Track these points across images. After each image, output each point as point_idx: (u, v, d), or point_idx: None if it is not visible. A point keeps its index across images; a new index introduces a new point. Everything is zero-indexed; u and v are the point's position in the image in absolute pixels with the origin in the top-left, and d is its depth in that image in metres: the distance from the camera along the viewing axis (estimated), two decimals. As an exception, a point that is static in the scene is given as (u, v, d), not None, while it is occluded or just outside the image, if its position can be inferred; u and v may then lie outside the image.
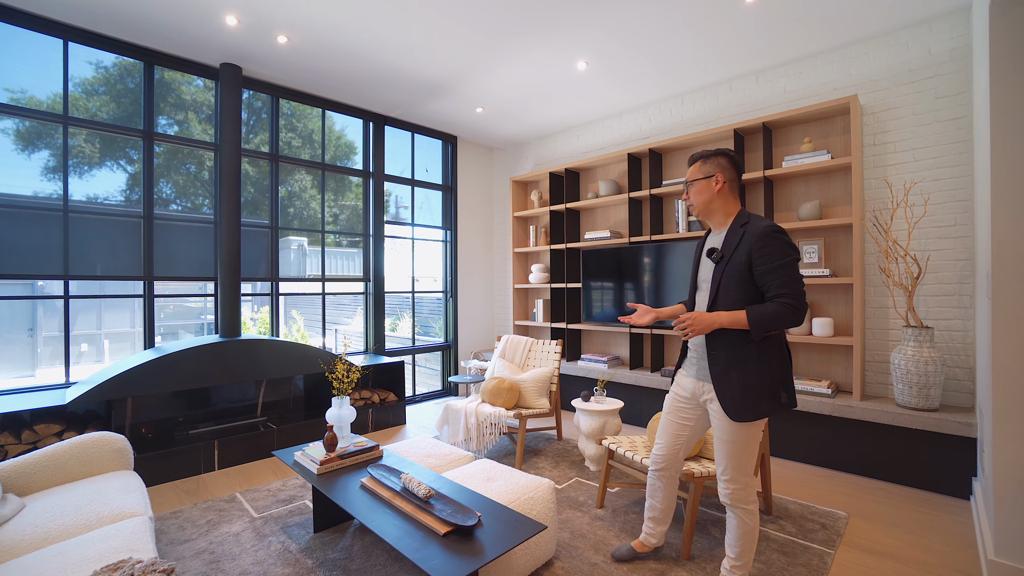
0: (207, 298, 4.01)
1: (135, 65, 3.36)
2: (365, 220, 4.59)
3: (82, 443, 2.08)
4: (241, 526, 2.44)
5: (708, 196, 1.77)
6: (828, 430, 3.08)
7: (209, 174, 3.69)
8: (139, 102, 3.38)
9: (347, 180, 4.46)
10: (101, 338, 8.40)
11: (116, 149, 3.33)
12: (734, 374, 1.67)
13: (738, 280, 1.66)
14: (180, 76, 3.54)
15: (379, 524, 1.72)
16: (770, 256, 1.60)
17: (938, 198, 2.92)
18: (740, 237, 1.68)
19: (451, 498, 1.84)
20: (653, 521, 2.10)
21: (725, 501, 1.78)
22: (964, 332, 2.84)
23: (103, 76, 3.27)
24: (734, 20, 2.93)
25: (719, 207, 1.78)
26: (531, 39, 3.15)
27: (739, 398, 1.66)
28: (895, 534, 2.34)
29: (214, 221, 3.70)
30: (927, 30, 2.97)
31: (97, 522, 1.65)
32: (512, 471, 2.24)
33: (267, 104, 3.96)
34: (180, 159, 3.56)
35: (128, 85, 3.35)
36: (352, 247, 4.57)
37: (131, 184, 3.37)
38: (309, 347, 3.61)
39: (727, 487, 1.76)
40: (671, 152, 4.11)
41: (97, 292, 3.45)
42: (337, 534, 2.36)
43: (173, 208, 3.54)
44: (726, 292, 1.68)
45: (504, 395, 3.36)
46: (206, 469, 3.15)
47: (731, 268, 1.67)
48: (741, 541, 1.78)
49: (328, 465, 2.21)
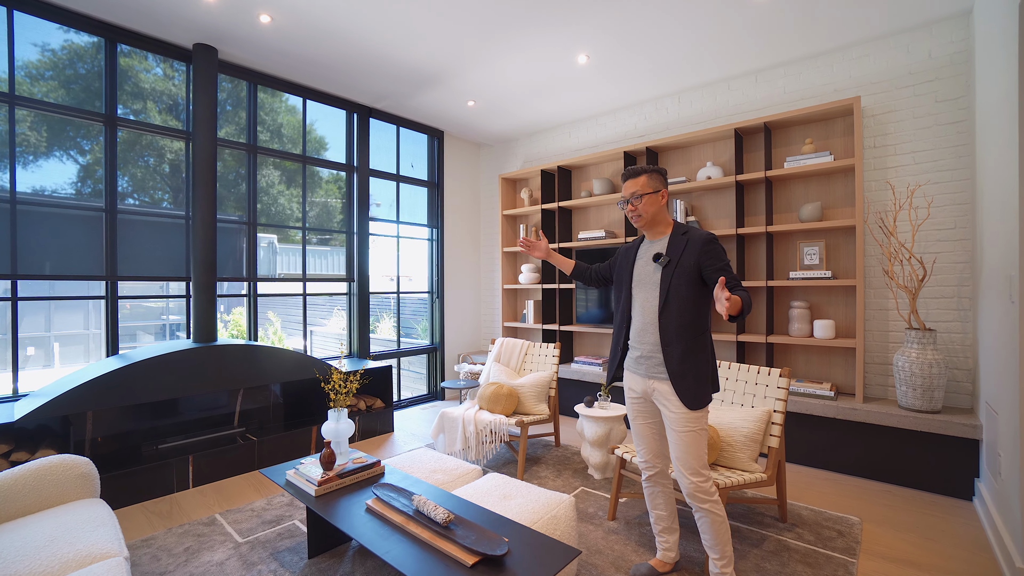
0: (170, 299, 3.70)
1: (86, 48, 2.99)
2: (348, 217, 4.34)
3: (38, 469, 1.80)
4: (225, 553, 2.20)
5: (656, 208, 1.95)
6: (831, 433, 3.06)
7: (169, 167, 3.34)
8: (91, 89, 3.01)
9: (318, 176, 4.16)
10: (50, 341, 7.75)
11: (66, 139, 2.96)
12: (688, 366, 1.81)
13: (687, 281, 1.84)
14: (138, 63, 3.18)
15: (395, 555, 1.54)
16: (717, 257, 1.82)
17: (938, 201, 2.94)
18: (685, 244, 1.88)
19: (472, 522, 1.67)
20: (664, 532, 2.06)
21: (691, 498, 1.83)
22: (963, 334, 2.87)
23: (50, 60, 2.90)
24: (742, 17, 2.86)
25: (661, 218, 1.98)
26: (533, 29, 3.00)
27: (694, 388, 1.80)
28: (910, 539, 2.32)
29: (186, 217, 3.39)
30: (927, 34, 2.99)
31: (60, 568, 1.40)
32: (528, 487, 2.09)
33: (235, 91, 3.66)
34: (138, 151, 3.20)
35: (79, 70, 2.98)
36: (323, 244, 4.27)
37: (83, 176, 3.00)
38: (293, 352, 3.35)
39: (691, 481, 1.81)
40: (668, 151, 4.05)
41: (48, 293, 3.10)
42: (335, 559, 2.15)
43: (130, 202, 3.19)
44: (676, 291, 1.85)
45: (503, 401, 3.21)
46: (180, 488, 2.87)
47: (680, 271, 1.85)
48: (717, 536, 1.82)
49: (327, 486, 2.00)
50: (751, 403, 2.53)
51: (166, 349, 2.91)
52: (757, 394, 2.53)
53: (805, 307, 3.29)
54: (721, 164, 3.75)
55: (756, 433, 2.36)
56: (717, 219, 3.78)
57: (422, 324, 5.30)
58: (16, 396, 2.81)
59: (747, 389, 2.57)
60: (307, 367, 3.41)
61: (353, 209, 4.33)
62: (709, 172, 3.66)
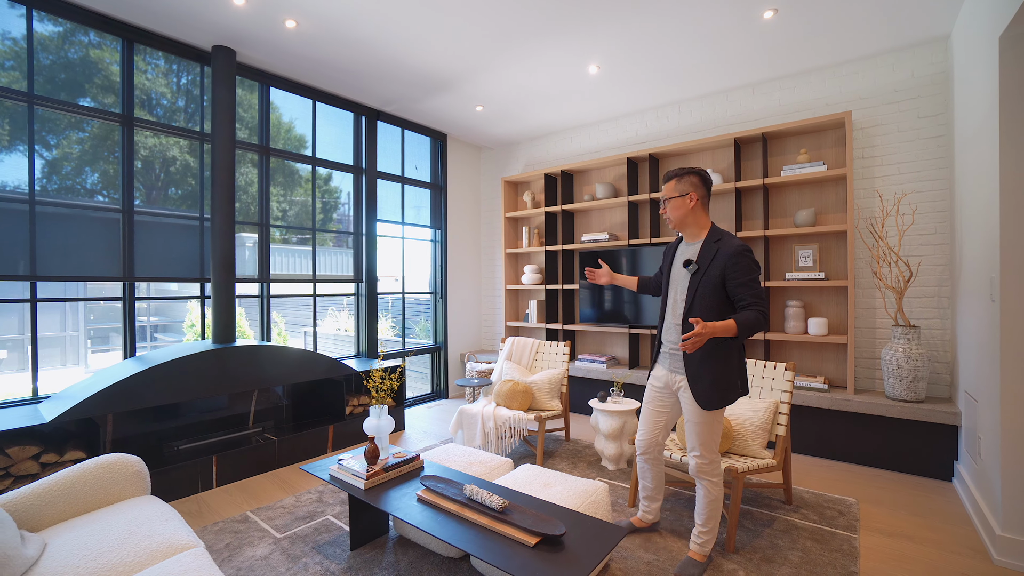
0: (155, 301, 3.66)
1: (50, 39, 2.79)
2: (356, 218, 4.39)
3: (96, 468, 1.84)
4: (266, 548, 2.26)
5: (683, 212, 2.01)
6: (825, 422, 3.31)
7: (142, 163, 3.14)
8: (56, 81, 2.80)
9: (297, 175, 4.03)
10: (24, 343, 7.48)
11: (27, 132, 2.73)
12: (705, 370, 1.94)
13: (712, 290, 1.92)
14: (109, 56, 3.01)
15: (459, 538, 1.65)
16: (742, 272, 1.87)
17: (920, 208, 3.21)
18: (715, 253, 1.93)
19: (524, 507, 1.80)
20: (647, 499, 2.34)
21: (693, 473, 2.05)
22: (943, 330, 3.15)
23: (11, 49, 2.67)
24: (749, 34, 3.06)
25: (692, 221, 2.03)
26: (548, 40, 3.14)
27: (709, 391, 1.94)
28: (902, 517, 2.55)
29: (200, 218, 3.40)
30: (910, 55, 3.25)
31: (148, 558, 1.47)
32: (564, 476, 2.23)
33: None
34: (109, 147, 3.02)
35: (42, 61, 2.75)
36: (302, 244, 4.14)
37: (48, 172, 2.79)
38: (310, 353, 3.40)
39: (695, 461, 2.03)
40: (669, 158, 4.25)
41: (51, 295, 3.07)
42: (376, 550, 2.25)
43: (99, 199, 2.99)
44: (702, 299, 1.94)
45: (519, 398, 3.34)
46: (204, 487, 2.90)
47: (707, 280, 1.93)
48: (707, 509, 2.04)
49: (375, 479, 2.09)
50: (758, 395, 2.73)
51: (187, 351, 2.93)
52: (764, 387, 2.73)
53: (800, 306, 3.53)
54: (720, 171, 3.97)
55: (765, 423, 2.56)
56: (717, 222, 3.98)
57: (420, 324, 5.37)
58: (37, 398, 2.79)
59: (754, 382, 2.77)
60: (322, 367, 3.46)
61: (362, 210, 4.38)
62: (709, 178, 3.86)
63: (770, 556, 2.18)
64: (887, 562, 2.16)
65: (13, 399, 2.76)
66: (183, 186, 3.35)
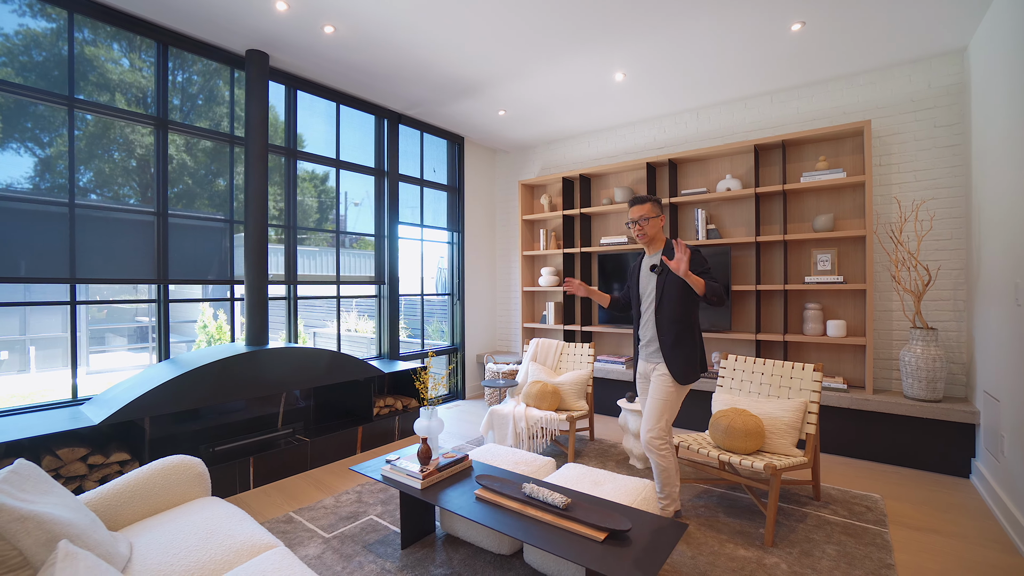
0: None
1: (44, 35, 2.67)
2: (379, 220, 4.42)
3: (163, 469, 1.87)
4: (317, 548, 2.30)
5: (657, 229, 2.50)
6: (845, 421, 3.41)
7: (137, 162, 3.02)
8: (50, 77, 2.68)
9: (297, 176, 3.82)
10: (26, 344, 7.37)
11: (23, 130, 2.65)
12: (678, 351, 2.38)
13: (675, 284, 2.38)
14: (103, 52, 2.91)
15: (529, 534, 1.71)
16: (697, 264, 2.34)
17: (937, 215, 3.33)
18: (672, 256, 2.37)
19: (585, 504, 1.86)
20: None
21: (645, 446, 2.41)
22: (959, 333, 3.27)
23: (2, 45, 2.56)
24: (774, 45, 3.16)
25: (659, 236, 2.52)
26: (579, 47, 3.20)
27: (683, 367, 2.37)
28: (926, 511, 2.66)
29: (228, 219, 3.41)
30: (926, 67, 3.37)
31: (234, 556, 1.51)
32: (612, 475, 2.30)
33: (205, 85, 3.69)
34: (104, 144, 2.90)
35: (34, 57, 2.63)
36: (301, 244, 4.01)
37: (40, 170, 2.67)
38: (342, 355, 3.44)
39: (647, 435, 2.40)
40: (688, 163, 4.34)
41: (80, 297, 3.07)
42: (426, 548, 2.29)
43: (92, 198, 2.88)
44: (668, 292, 2.39)
45: (548, 399, 3.40)
46: (241, 488, 2.92)
47: (670, 277, 2.39)
48: (661, 478, 2.41)
49: (430, 479, 2.14)
50: (787, 395, 2.82)
51: (224, 353, 2.95)
52: (792, 387, 2.82)
53: (818, 308, 3.64)
54: (739, 176, 4.06)
55: (795, 421, 2.65)
56: (734, 227, 4.10)
57: (433, 325, 5.41)
58: (76, 400, 2.79)
59: (782, 383, 2.87)
60: (352, 368, 3.50)
61: (384, 213, 4.42)
62: (728, 184, 3.96)
63: (808, 550, 2.27)
64: (917, 554, 2.25)
65: (54, 401, 2.76)
66: (208, 189, 3.35)
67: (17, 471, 1.44)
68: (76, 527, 1.34)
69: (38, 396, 5.72)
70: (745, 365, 3.02)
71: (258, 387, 2.99)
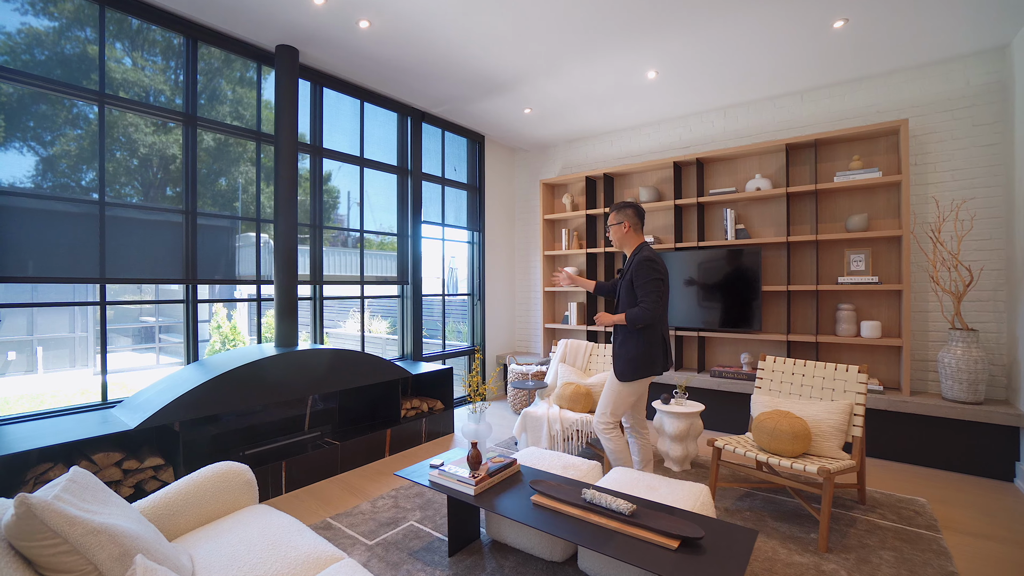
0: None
1: (47, 33, 2.56)
2: (401, 220, 4.36)
3: (214, 476, 1.80)
4: (361, 555, 2.24)
5: (620, 235, 2.64)
6: (883, 423, 3.37)
7: (139, 161, 2.90)
8: (51, 76, 2.58)
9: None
10: (34, 344, 7.24)
11: (25, 129, 2.54)
12: (622, 351, 2.57)
13: (627, 289, 2.57)
14: (128, 46, 2.79)
15: (598, 543, 1.65)
16: (640, 276, 2.48)
17: (977, 215, 3.28)
18: (632, 263, 2.54)
19: (651, 511, 1.81)
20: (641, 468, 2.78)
21: (595, 429, 2.67)
22: (999, 334, 3.23)
23: (5, 43, 2.46)
24: (815, 41, 3.11)
25: (627, 243, 2.65)
26: (615, 44, 3.15)
27: (622, 365, 2.55)
28: (975, 516, 2.61)
29: (257, 218, 3.34)
30: (963, 64, 3.33)
31: (302, 569, 1.44)
32: (666, 479, 2.24)
33: (208, 84, 3.62)
34: (107, 143, 2.75)
35: (36, 56, 2.52)
36: (301, 244, 3.74)
37: (42, 169, 2.57)
38: (371, 356, 3.37)
39: (595, 420, 2.65)
40: (715, 162, 4.29)
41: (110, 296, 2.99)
42: (474, 556, 2.23)
43: (94, 197, 2.71)
44: (623, 297, 2.59)
45: (581, 400, 3.35)
46: (274, 493, 2.85)
47: (625, 282, 2.59)
48: (613, 456, 2.65)
49: (483, 484, 2.08)
50: (830, 397, 2.77)
51: (254, 355, 2.88)
52: (836, 388, 2.77)
53: (851, 309, 3.59)
54: (769, 176, 4.02)
55: (841, 424, 2.60)
56: (763, 227, 4.05)
57: (450, 326, 5.34)
58: (107, 403, 2.72)
59: (825, 384, 2.82)
60: (381, 370, 3.43)
61: (407, 212, 4.35)
62: (758, 184, 3.91)
63: (864, 556, 2.22)
64: (976, 561, 2.20)
65: (83, 404, 2.69)
66: (214, 188, 3.26)
67: (75, 479, 1.37)
68: (143, 540, 1.28)
69: (47, 397, 5.62)
70: (784, 366, 2.97)
71: (292, 390, 2.92)
